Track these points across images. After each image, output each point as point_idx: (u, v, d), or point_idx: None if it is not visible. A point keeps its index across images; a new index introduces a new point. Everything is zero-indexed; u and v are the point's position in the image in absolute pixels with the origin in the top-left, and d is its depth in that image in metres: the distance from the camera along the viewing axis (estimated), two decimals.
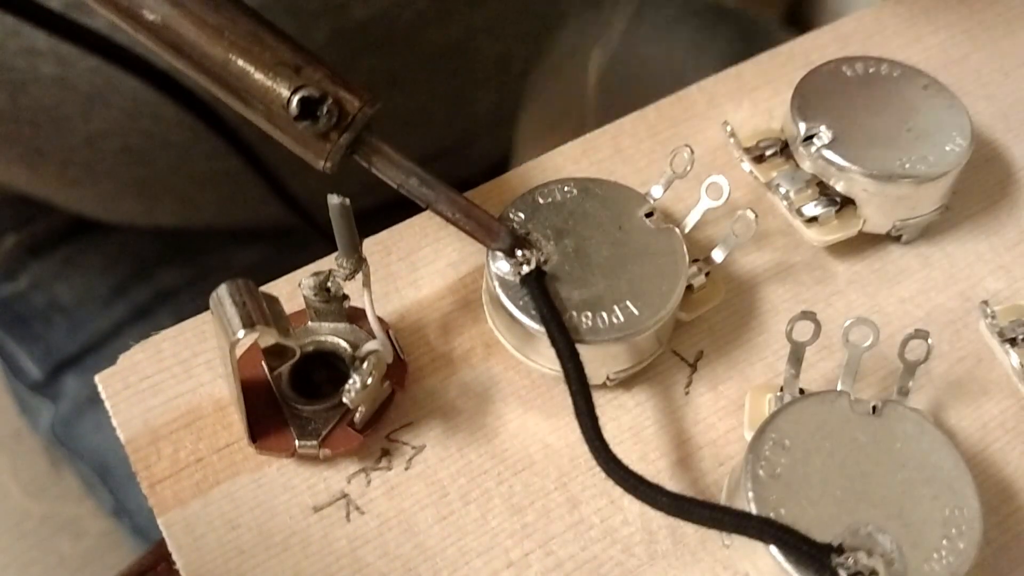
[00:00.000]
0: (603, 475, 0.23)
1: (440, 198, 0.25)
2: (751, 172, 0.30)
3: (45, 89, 0.43)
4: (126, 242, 0.55)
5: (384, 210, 0.47)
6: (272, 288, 0.28)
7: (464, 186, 0.30)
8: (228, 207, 0.53)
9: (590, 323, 0.25)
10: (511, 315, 0.26)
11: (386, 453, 0.26)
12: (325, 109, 0.23)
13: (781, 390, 0.26)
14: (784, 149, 0.30)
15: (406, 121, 0.51)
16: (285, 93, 0.24)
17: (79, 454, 0.57)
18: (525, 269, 0.26)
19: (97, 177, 0.49)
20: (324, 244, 0.29)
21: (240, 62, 0.24)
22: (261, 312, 0.22)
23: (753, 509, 0.23)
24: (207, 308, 0.26)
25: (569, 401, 0.24)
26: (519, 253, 0.26)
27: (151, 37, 0.24)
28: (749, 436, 0.26)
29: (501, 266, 0.26)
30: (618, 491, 0.24)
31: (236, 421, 0.26)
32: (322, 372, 0.26)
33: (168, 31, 0.24)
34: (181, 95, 0.42)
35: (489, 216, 0.26)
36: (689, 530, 0.25)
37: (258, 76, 0.24)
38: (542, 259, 0.26)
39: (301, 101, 0.23)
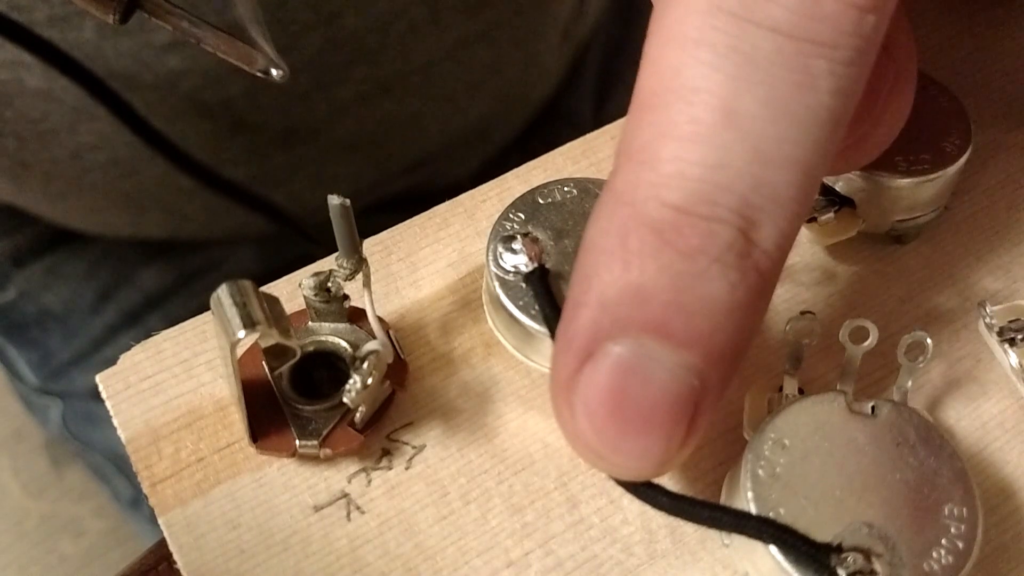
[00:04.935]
0: (602, 475, 0.24)
1: (207, 34, 0.29)
2: None
3: (31, 102, 0.43)
4: (108, 248, 0.55)
5: (375, 210, 0.47)
6: (272, 288, 0.28)
7: (455, 189, 0.30)
8: (216, 218, 0.53)
9: None
10: (511, 315, 0.26)
11: (386, 453, 0.26)
12: None
13: (780, 390, 0.26)
14: None
15: (398, 126, 0.51)
16: None
17: (93, 446, 0.57)
18: (523, 260, 0.26)
19: (83, 190, 0.49)
20: (312, 247, 0.29)
21: None
22: (262, 312, 0.22)
23: (752, 509, 0.23)
24: (197, 312, 0.26)
25: None
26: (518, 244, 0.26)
27: None
28: (749, 436, 0.26)
29: (503, 265, 0.26)
30: (618, 491, 0.24)
31: (237, 421, 0.26)
32: (322, 372, 0.26)
33: None
34: (120, 107, 0.42)
35: (246, 45, 0.30)
36: (689, 529, 0.25)
37: None
38: (544, 256, 0.26)
39: None
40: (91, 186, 0.48)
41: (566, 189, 0.28)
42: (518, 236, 0.26)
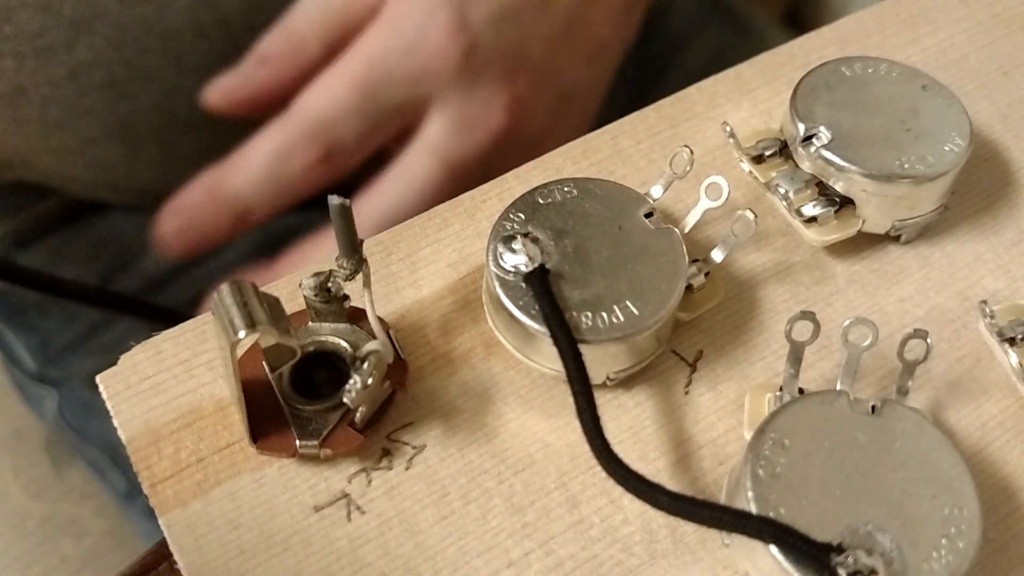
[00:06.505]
0: (603, 474, 0.24)
1: None
2: (750, 172, 0.30)
3: (30, 15, 0.44)
4: (110, 230, 0.56)
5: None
6: (272, 288, 0.28)
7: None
8: (209, 158, 0.53)
9: (590, 323, 0.25)
10: (511, 315, 0.26)
11: (387, 453, 0.26)
12: None
13: (780, 390, 0.26)
14: (783, 149, 0.30)
15: None
16: None
17: (88, 438, 0.57)
18: (523, 260, 0.26)
19: (79, 117, 0.49)
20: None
21: None
22: (262, 312, 0.22)
23: (753, 508, 0.23)
24: (194, 300, 0.26)
25: (569, 401, 0.24)
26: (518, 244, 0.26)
27: None
28: (749, 436, 0.26)
29: (503, 265, 0.26)
30: (618, 490, 0.24)
31: (237, 421, 0.26)
32: (323, 372, 0.26)
33: None
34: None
35: None
36: (689, 529, 0.25)
37: None
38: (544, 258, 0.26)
39: None
40: (87, 111, 0.48)
41: (566, 189, 0.28)
42: (518, 236, 0.26)
